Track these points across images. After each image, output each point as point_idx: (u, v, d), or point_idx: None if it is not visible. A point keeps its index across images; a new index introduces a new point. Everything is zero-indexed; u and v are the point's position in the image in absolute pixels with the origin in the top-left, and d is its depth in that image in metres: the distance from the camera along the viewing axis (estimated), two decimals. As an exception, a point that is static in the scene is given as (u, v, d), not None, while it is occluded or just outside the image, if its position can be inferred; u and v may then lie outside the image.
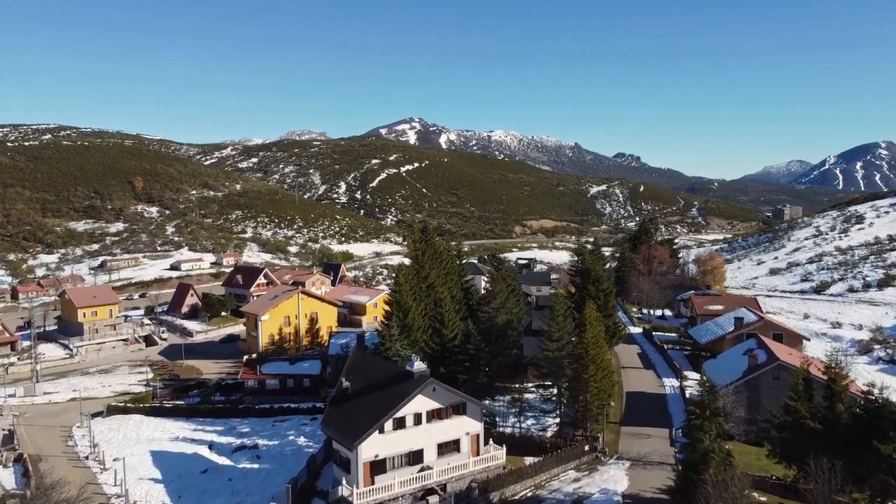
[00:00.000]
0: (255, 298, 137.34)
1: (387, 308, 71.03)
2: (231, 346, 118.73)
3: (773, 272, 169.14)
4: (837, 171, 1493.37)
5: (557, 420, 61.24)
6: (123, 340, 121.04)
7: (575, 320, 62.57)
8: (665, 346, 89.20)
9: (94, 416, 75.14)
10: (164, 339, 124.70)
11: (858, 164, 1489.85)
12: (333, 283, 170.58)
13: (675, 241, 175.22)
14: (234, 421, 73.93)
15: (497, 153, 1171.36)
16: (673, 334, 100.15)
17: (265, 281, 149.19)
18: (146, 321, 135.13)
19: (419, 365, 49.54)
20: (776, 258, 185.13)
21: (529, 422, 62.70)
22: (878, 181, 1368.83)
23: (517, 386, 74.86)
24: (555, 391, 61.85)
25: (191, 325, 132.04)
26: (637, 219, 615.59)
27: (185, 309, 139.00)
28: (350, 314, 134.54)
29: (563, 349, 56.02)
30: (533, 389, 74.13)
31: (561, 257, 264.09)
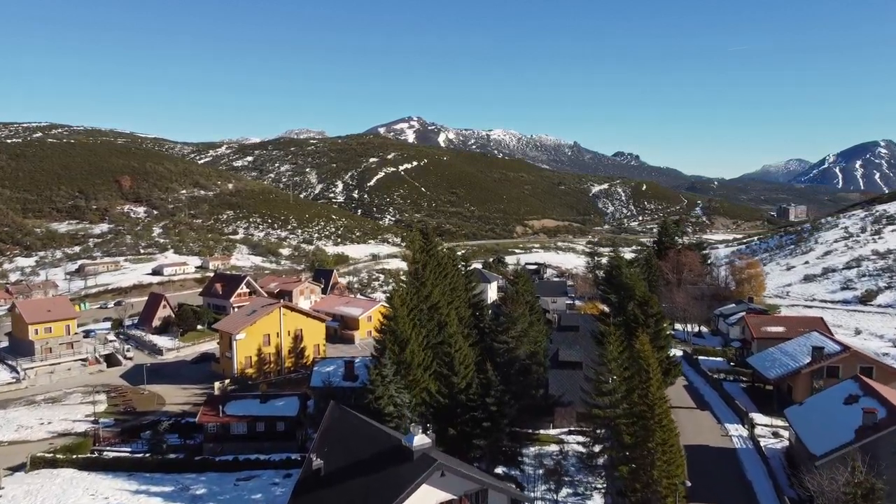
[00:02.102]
0: (235, 310, 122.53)
1: (378, 335, 56.13)
2: (204, 368, 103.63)
3: (808, 279, 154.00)
4: (837, 170, 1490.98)
5: (603, 493, 46.38)
6: (82, 361, 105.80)
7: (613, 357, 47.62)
8: (714, 376, 74.31)
9: (16, 469, 60.43)
10: (130, 359, 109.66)
11: (858, 163, 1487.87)
12: (325, 291, 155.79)
13: (705, 245, 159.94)
14: (188, 477, 58.97)
15: (496, 152, 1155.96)
16: (720, 359, 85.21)
17: (247, 290, 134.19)
18: (110, 337, 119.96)
19: (421, 439, 34.65)
20: (807, 263, 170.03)
21: (565, 492, 47.82)
22: (878, 180, 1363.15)
23: (543, 433, 60.27)
24: (596, 447, 47.19)
25: (161, 341, 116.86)
26: (640, 218, 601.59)
27: (156, 322, 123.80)
28: (341, 328, 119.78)
29: (619, 405, 41.01)
30: (563, 437, 59.51)
31: (569, 260, 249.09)
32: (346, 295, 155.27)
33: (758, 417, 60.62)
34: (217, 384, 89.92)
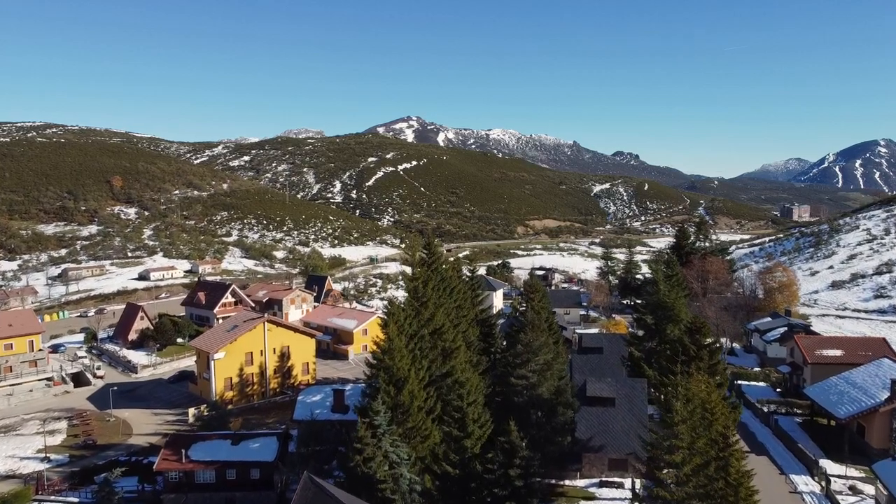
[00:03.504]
0: (219, 321, 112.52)
1: (368, 372, 45.98)
2: (182, 388, 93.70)
3: (836, 285, 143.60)
4: (836, 169, 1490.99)
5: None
6: (46, 380, 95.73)
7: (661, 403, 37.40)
8: (764, 409, 64.05)
9: (-64, 529, 50.37)
10: (101, 377, 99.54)
11: (857, 162, 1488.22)
12: (318, 299, 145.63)
13: (730, 250, 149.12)
14: (141, 542, 48.99)
15: (496, 151, 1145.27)
16: (762, 384, 75.03)
17: (233, 300, 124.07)
18: (81, 353, 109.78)
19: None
20: (831, 268, 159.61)
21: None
22: (878, 179, 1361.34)
23: (569, 485, 50.16)
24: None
25: (136, 356, 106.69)
26: (643, 218, 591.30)
27: (132, 335, 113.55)
28: (334, 342, 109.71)
29: (688, 482, 30.73)
30: (593, 491, 49.39)
31: (576, 263, 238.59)
32: (340, 303, 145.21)
33: (829, 466, 50.34)
34: (192, 410, 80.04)
